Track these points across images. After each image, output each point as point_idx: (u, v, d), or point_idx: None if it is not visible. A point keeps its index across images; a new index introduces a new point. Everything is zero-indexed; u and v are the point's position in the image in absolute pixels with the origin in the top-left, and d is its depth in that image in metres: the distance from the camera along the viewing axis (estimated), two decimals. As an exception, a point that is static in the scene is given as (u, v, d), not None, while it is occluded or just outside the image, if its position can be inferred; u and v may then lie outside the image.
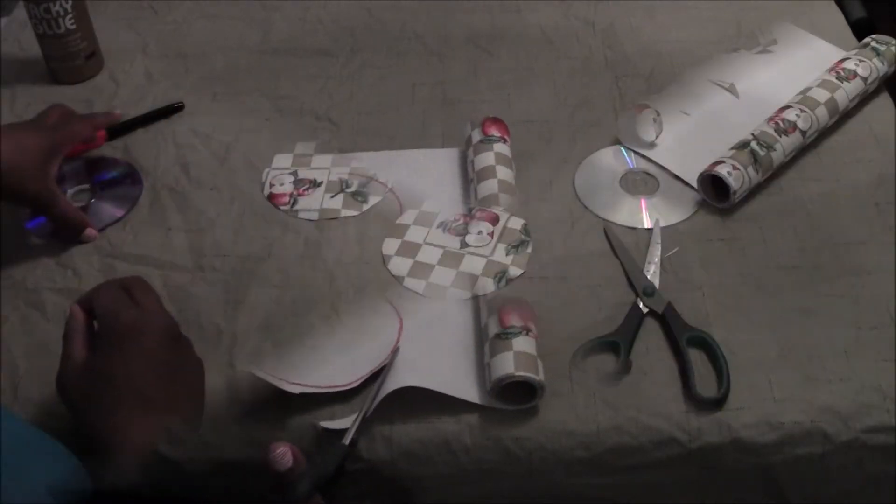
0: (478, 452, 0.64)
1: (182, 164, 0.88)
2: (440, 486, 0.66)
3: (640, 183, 0.84)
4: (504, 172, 0.82)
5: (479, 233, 0.79)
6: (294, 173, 0.86)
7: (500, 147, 0.83)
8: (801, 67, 0.93)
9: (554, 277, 0.75)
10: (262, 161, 0.88)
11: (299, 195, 0.84)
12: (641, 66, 0.97)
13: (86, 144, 0.88)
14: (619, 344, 0.69)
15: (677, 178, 0.84)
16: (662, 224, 0.79)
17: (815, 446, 0.64)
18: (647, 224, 0.80)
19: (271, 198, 0.84)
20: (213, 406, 0.66)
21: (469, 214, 0.80)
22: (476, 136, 0.85)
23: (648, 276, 0.74)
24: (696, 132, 0.88)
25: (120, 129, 0.90)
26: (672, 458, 0.64)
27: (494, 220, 0.79)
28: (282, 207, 0.83)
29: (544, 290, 0.74)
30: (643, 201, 0.82)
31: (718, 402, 0.65)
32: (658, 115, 0.86)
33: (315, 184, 0.85)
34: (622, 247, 0.77)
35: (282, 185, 0.85)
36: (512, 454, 0.64)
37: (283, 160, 0.88)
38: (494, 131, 0.85)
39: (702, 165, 0.81)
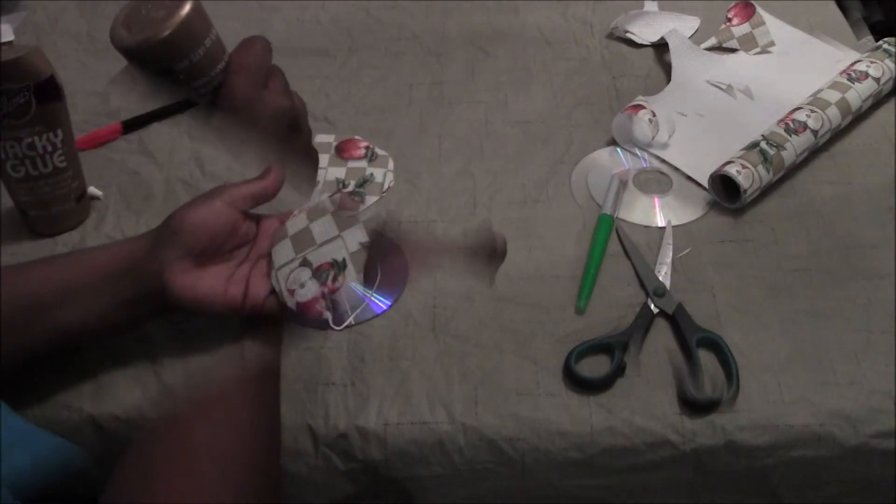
0: (471, 453, 0.64)
1: (196, 157, 0.87)
2: (434, 487, 0.66)
3: (654, 182, 0.84)
4: None
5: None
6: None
7: None
8: (800, 69, 0.93)
9: (564, 277, 0.75)
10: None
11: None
12: (639, 66, 0.97)
13: (105, 137, 0.89)
14: (617, 345, 0.68)
15: (689, 178, 0.83)
16: (674, 223, 0.79)
17: (824, 450, 0.64)
18: (660, 223, 0.79)
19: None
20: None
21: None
22: None
23: (660, 277, 0.74)
24: (692, 133, 0.88)
25: (135, 122, 0.91)
26: (665, 459, 0.64)
27: None
28: None
29: (552, 288, 0.74)
30: (656, 200, 0.82)
31: (726, 403, 0.65)
32: (654, 115, 0.86)
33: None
34: (633, 247, 0.77)
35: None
36: (505, 455, 0.64)
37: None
38: None
39: (700, 166, 0.81)
